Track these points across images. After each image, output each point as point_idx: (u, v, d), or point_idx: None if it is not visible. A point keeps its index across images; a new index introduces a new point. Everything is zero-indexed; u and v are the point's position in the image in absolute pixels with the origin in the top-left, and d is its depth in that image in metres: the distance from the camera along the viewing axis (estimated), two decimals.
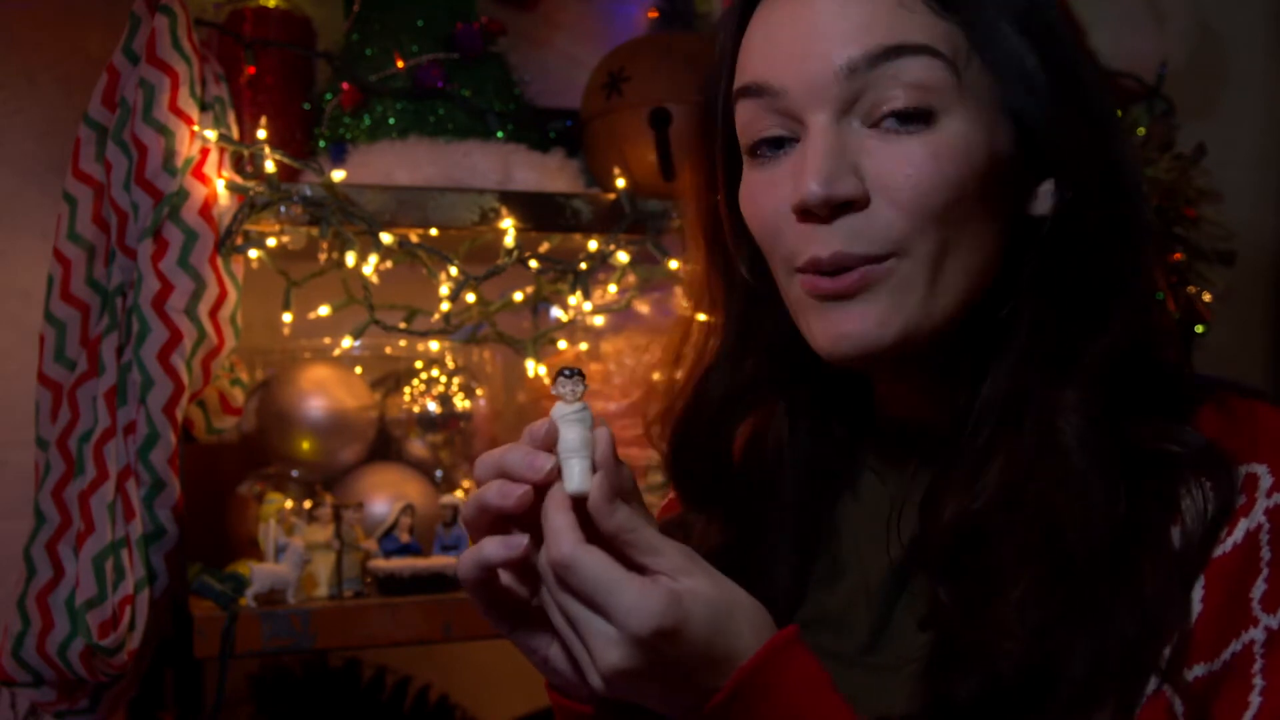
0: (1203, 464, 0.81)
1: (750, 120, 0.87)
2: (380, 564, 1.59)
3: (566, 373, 0.78)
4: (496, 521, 0.80)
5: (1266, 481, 0.80)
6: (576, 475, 0.76)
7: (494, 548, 0.79)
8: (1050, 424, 0.82)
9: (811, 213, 0.82)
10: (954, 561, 0.82)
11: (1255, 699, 0.76)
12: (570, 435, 0.77)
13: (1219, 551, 0.79)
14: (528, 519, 0.79)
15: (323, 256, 1.57)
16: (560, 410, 0.78)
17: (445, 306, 1.59)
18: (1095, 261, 0.84)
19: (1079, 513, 0.79)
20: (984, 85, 0.82)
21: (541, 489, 0.78)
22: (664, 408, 0.97)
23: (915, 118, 0.81)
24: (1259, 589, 0.78)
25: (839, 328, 0.83)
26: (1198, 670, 0.77)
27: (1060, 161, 0.84)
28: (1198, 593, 0.78)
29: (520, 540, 0.78)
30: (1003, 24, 0.82)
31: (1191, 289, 1.96)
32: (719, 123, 0.91)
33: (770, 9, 0.86)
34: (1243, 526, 0.79)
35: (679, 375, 0.97)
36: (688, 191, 0.96)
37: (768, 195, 0.85)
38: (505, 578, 0.82)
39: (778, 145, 0.85)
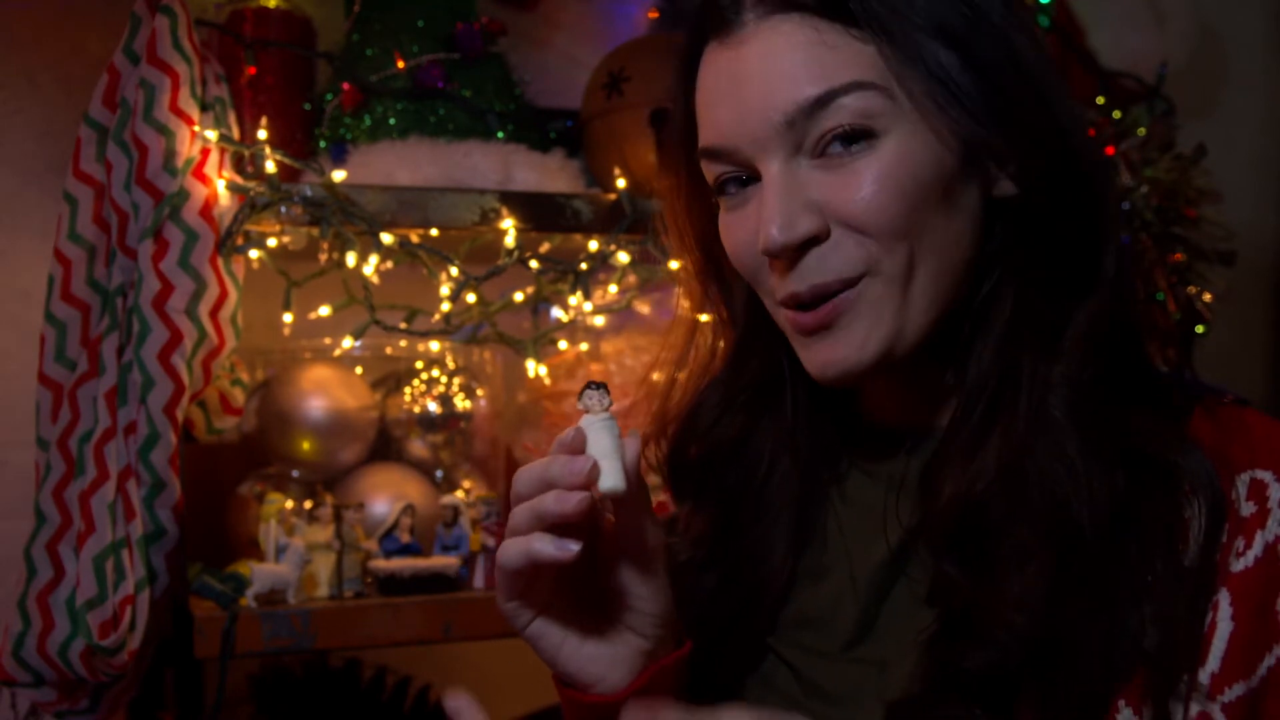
0: (1199, 468, 0.81)
1: (712, 170, 0.90)
2: (381, 564, 1.59)
3: (593, 385, 0.82)
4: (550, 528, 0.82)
5: (1278, 491, 0.80)
6: (611, 475, 0.80)
7: (546, 544, 0.81)
8: (1043, 400, 0.83)
9: (778, 256, 0.85)
10: (959, 540, 0.83)
11: None
12: (602, 440, 0.81)
13: (1240, 566, 0.79)
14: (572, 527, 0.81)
15: (323, 257, 1.57)
16: (589, 420, 0.82)
17: (446, 307, 1.59)
18: (1064, 233, 0.85)
19: (1080, 489, 0.80)
20: (919, 96, 0.83)
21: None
22: (660, 409, 1.00)
23: (858, 140, 0.83)
24: None
25: (823, 356, 0.87)
26: (1238, 689, 0.78)
27: (1009, 149, 0.85)
28: (1226, 609, 0.79)
29: (575, 546, 0.80)
30: (920, 36, 0.83)
31: (1192, 289, 1.96)
32: (692, 166, 0.94)
33: (710, 63, 0.89)
34: (1259, 539, 0.80)
35: (681, 376, 1.00)
36: (680, 218, 0.99)
37: (740, 235, 0.89)
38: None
39: (743, 183, 0.88)
